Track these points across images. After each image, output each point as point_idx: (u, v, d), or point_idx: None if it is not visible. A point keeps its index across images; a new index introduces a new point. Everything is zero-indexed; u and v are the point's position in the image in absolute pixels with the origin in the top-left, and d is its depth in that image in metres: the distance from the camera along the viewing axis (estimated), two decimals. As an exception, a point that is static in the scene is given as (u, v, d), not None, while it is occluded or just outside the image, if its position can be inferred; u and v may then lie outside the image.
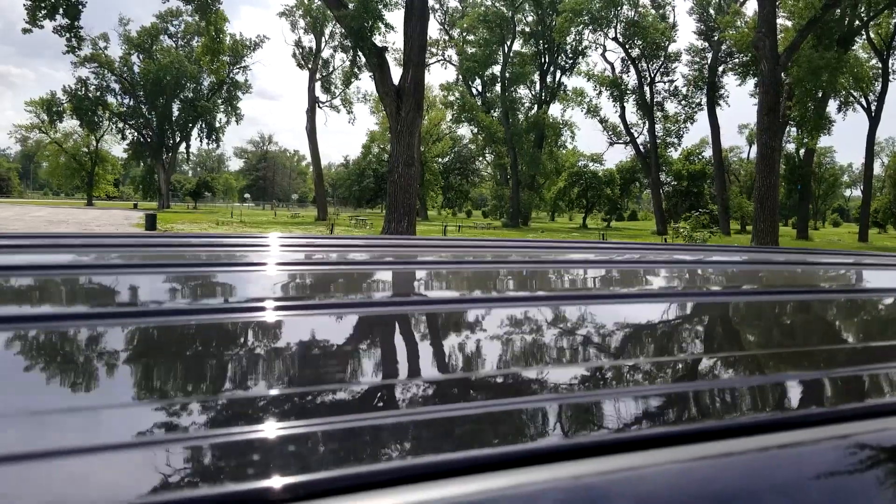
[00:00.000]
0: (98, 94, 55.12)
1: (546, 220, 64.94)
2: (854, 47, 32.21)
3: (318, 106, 43.20)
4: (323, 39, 41.00)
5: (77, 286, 1.00)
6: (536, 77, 49.97)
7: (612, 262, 1.61)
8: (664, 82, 46.31)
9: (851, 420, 0.51)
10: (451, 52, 49.84)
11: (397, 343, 0.83)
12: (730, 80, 46.27)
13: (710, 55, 43.42)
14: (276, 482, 0.36)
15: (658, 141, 45.28)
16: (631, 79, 46.04)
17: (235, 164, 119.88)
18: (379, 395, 0.57)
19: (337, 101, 44.23)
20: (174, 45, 59.26)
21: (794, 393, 0.62)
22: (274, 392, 0.54)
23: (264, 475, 0.37)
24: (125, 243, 1.41)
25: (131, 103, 57.22)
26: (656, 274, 1.49)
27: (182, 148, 61.15)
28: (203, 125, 58.30)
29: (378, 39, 17.92)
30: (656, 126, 45.29)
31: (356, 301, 0.97)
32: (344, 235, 1.75)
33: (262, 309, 0.83)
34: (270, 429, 0.44)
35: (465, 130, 55.45)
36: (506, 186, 50.68)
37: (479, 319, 0.93)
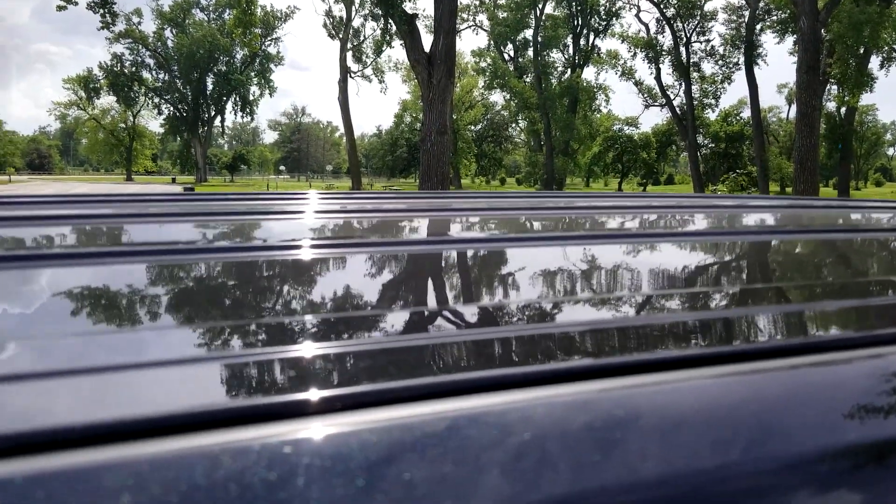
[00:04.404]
0: (133, 69, 55.73)
1: (581, 185, 64.42)
2: (898, 0, 31.20)
3: (350, 76, 43.16)
4: (353, 8, 40.75)
5: (135, 231, 1.13)
6: (569, 40, 49.30)
7: (647, 207, 1.66)
8: (700, 42, 45.30)
9: (874, 346, 0.53)
10: (483, 17, 49.21)
11: (440, 275, 0.90)
12: (768, 39, 45.27)
13: (747, 13, 42.32)
14: (321, 394, 0.38)
15: (695, 102, 44.42)
16: (666, 39, 45.09)
17: (270, 137, 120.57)
18: (420, 319, 0.63)
19: (368, 71, 44.09)
20: (206, 19, 59.51)
21: (818, 320, 0.65)
22: (314, 316, 0.60)
23: (311, 388, 0.39)
24: (176, 198, 1.49)
25: (166, 78, 57.76)
26: (688, 215, 1.52)
27: (217, 122, 61.73)
28: (237, 98, 58.66)
29: (408, 6, 17.84)
30: (693, 87, 44.39)
31: (396, 240, 1.04)
32: (379, 191, 1.82)
33: (304, 247, 0.93)
34: (314, 348, 0.48)
35: (497, 97, 55.06)
36: (539, 153, 50.30)
37: (517, 256, 0.98)
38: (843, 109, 40.30)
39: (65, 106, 62.46)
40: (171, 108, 58.65)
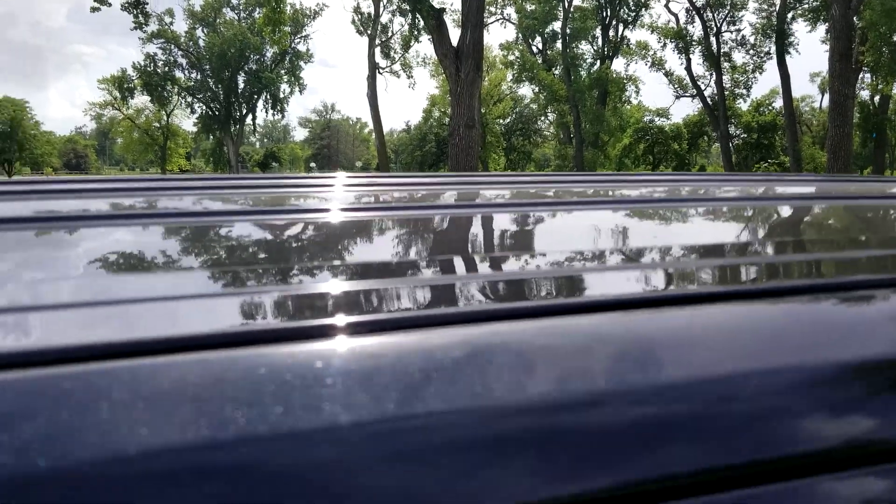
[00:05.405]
0: (166, 69, 56.40)
1: (611, 178, 63.69)
2: (934, -15, 30.55)
3: (379, 72, 43.34)
4: (381, 4, 40.95)
5: (174, 200, 1.25)
6: (598, 32, 48.95)
7: (669, 181, 1.77)
8: (731, 32, 44.73)
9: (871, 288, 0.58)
10: (510, 10, 49.10)
11: (468, 230, 1.00)
12: (799, 27, 44.40)
13: (778, 1, 41.80)
14: (349, 319, 0.45)
15: (726, 93, 43.94)
16: (696, 29, 44.64)
17: (300, 134, 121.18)
18: (442, 264, 0.72)
19: (397, 67, 44.29)
20: (237, 18, 60.05)
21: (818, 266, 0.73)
22: (340, 261, 0.71)
23: (341, 314, 0.46)
24: (210, 177, 1.64)
25: (198, 77, 58.39)
26: (704, 188, 1.63)
27: (249, 120, 62.27)
28: (268, 96, 59.14)
29: (436, 1, 17.93)
30: (724, 77, 43.90)
31: (415, 205, 1.17)
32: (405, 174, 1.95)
33: (329, 210, 1.03)
34: (342, 284, 0.58)
35: (526, 90, 54.89)
36: (569, 145, 50.05)
37: (543, 216, 1.10)
38: (876, 98, 39.59)
39: (100, 106, 63.28)
40: (204, 107, 59.26)
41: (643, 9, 47.16)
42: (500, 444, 0.37)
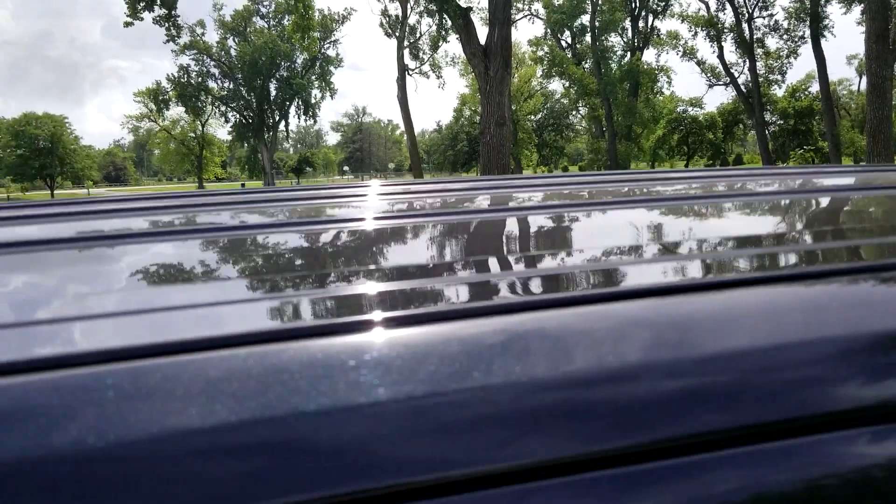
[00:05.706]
0: (199, 79, 57.22)
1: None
2: (973, -41, 29.76)
3: (408, 73, 43.42)
4: (409, 5, 41.05)
5: (223, 213, 1.30)
6: (628, 23, 48.56)
7: (707, 177, 1.79)
8: (763, 17, 44.02)
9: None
10: (538, 6, 48.89)
11: (505, 228, 1.05)
12: (834, 9, 43.52)
13: (811, -17, 41.02)
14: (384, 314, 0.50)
15: (760, 79, 43.25)
16: (727, 16, 44.01)
17: (333, 139, 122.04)
18: (474, 261, 0.79)
19: (426, 67, 44.31)
20: (266, 26, 60.69)
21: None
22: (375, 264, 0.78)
23: (378, 310, 0.52)
24: (252, 191, 1.69)
25: (231, 86, 59.11)
26: (732, 183, 1.64)
27: (282, 126, 62.89)
28: (299, 102, 59.68)
29: (462, 0, 17.94)
30: (757, 64, 43.23)
31: (448, 211, 1.20)
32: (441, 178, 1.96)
33: (365, 219, 1.07)
34: (377, 285, 0.63)
35: (556, 85, 54.63)
36: (601, 139, 49.73)
37: (579, 215, 1.14)
38: (918, 77, 38.71)
39: (136, 118, 64.36)
40: (238, 116, 59.99)
41: (672, -2, 46.67)
42: (555, 409, 0.41)
